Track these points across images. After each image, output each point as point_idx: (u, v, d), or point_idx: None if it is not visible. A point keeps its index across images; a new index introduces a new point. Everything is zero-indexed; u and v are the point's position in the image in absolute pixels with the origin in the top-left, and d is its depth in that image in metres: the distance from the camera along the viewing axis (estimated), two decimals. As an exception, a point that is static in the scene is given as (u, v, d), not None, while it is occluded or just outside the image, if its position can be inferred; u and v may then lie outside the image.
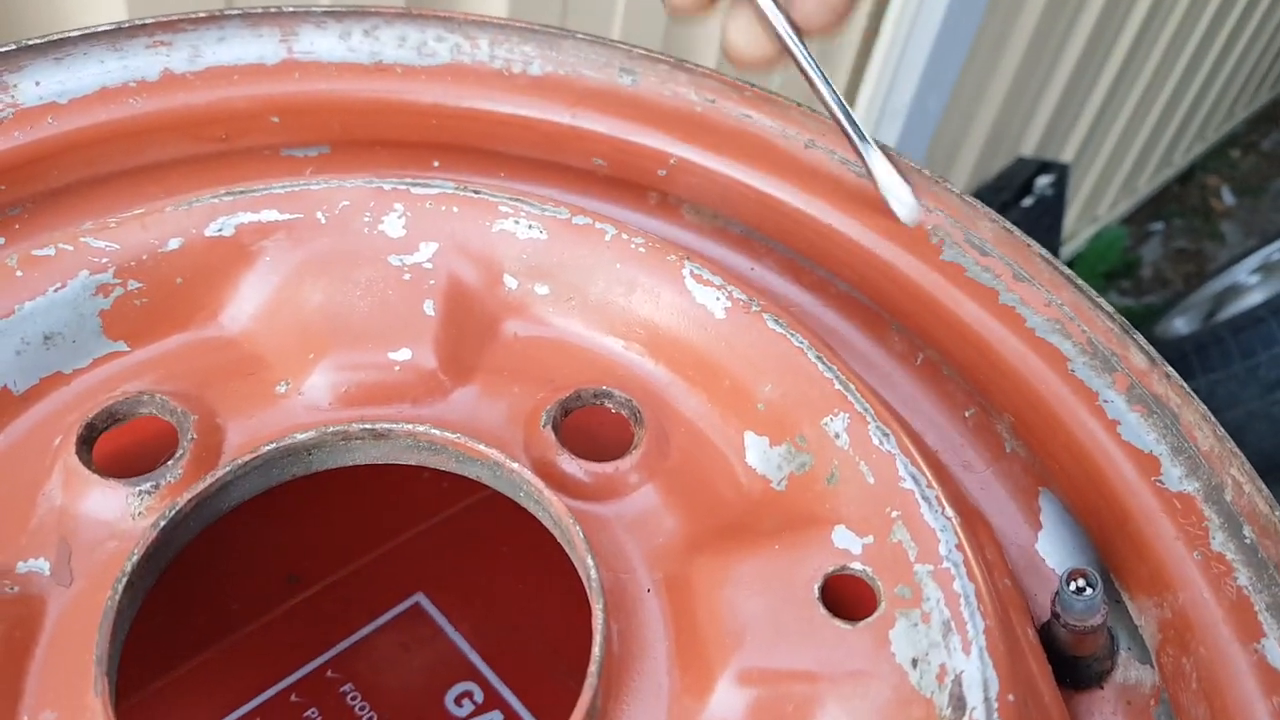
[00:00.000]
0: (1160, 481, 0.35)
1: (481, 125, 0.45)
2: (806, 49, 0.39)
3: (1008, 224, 0.41)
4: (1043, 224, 2.01)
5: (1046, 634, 0.34)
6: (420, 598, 0.49)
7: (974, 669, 0.27)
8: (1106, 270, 2.84)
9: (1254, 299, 2.34)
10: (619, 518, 0.33)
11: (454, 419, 0.34)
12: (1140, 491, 0.35)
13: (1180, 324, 2.54)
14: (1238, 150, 3.51)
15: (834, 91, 0.40)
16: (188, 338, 0.35)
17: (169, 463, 0.31)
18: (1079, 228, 2.68)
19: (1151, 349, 0.37)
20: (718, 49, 1.09)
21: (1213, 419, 0.35)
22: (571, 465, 0.33)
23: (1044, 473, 0.39)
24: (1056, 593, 0.32)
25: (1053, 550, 0.38)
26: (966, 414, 0.41)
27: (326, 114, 0.44)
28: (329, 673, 0.47)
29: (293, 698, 0.46)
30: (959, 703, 0.27)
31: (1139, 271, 3.01)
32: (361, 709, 0.47)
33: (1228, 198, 3.34)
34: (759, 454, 0.34)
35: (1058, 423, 0.37)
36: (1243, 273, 2.54)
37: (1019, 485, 0.40)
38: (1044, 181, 2.00)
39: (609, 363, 0.36)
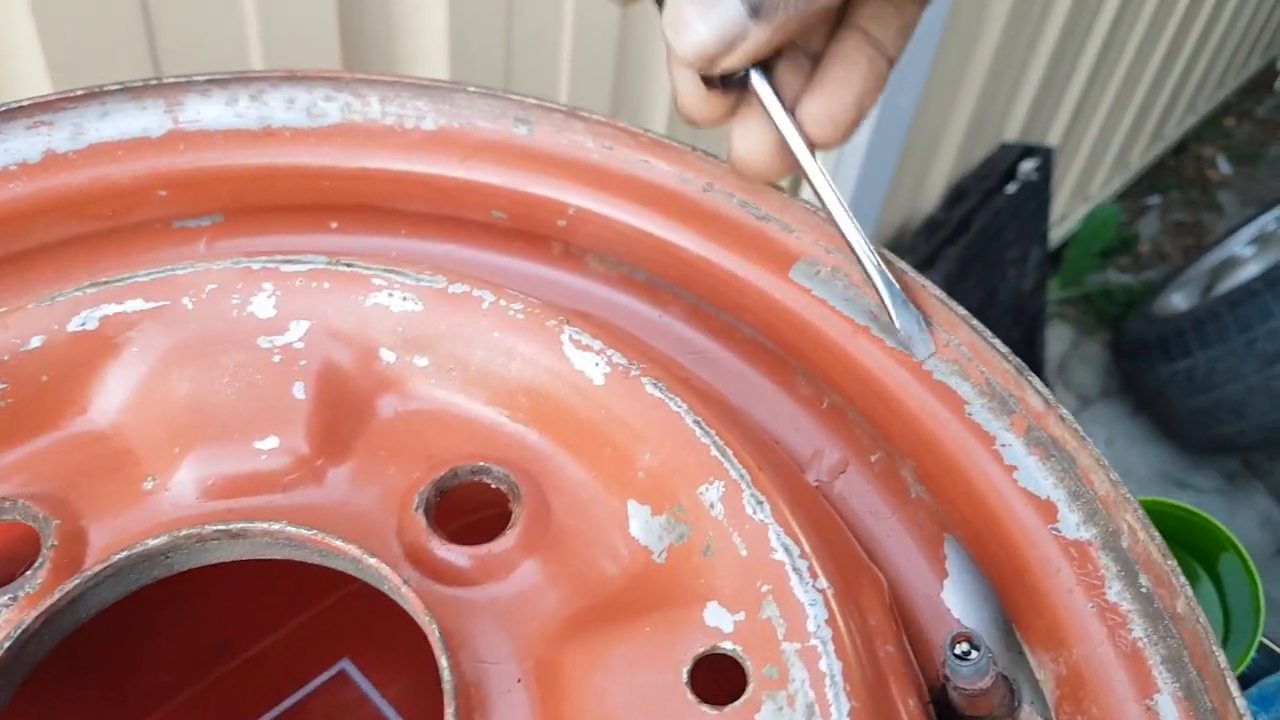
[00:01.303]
0: (1057, 529, 0.34)
1: (376, 184, 0.44)
2: (820, 166, 0.38)
3: (903, 264, 0.40)
4: (1028, 209, 2.00)
5: (942, 694, 0.33)
6: (346, 664, 0.49)
7: (836, 756, 0.27)
8: (1103, 248, 2.82)
9: (1250, 271, 2.32)
10: (495, 601, 0.32)
11: (326, 506, 0.33)
12: (1037, 540, 0.34)
13: (1178, 299, 2.52)
14: (1232, 119, 3.48)
15: (850, 216, 0.38)
16: (56, 436, 0.34)
17: (28, 572, 0.31)
18: (1072, 208, 2.66)
19: (1046, 390, 0.36)
20: (668, 110, 1.08)
21: (1106, 463, 0.34)
22: (444, 550, 0.32)
23: (947, 519, 0.38)
24: (943, 658, 0.32)
25: (958, 600, 0.37)
26: (872, 458, 0.40)
27: (215, 184, 0.43)
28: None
29: (217, 773, 0.45)
30: (819, 793, 0.26)
31: (1137, 247, 2.99)
32: (290, 779, 0.46)
33: (1224, 167, 3.31)
34: (641, 524, 0.33)
35: (956, 468, 0.36)
36: (1239, 244, 2.51)
37: (924, 532, 0.39)
38: (1028, 166, 1.99)
39: (492, 434, 0.36)
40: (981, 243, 1.88)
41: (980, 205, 1.91)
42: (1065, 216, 2.63)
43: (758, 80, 0.37)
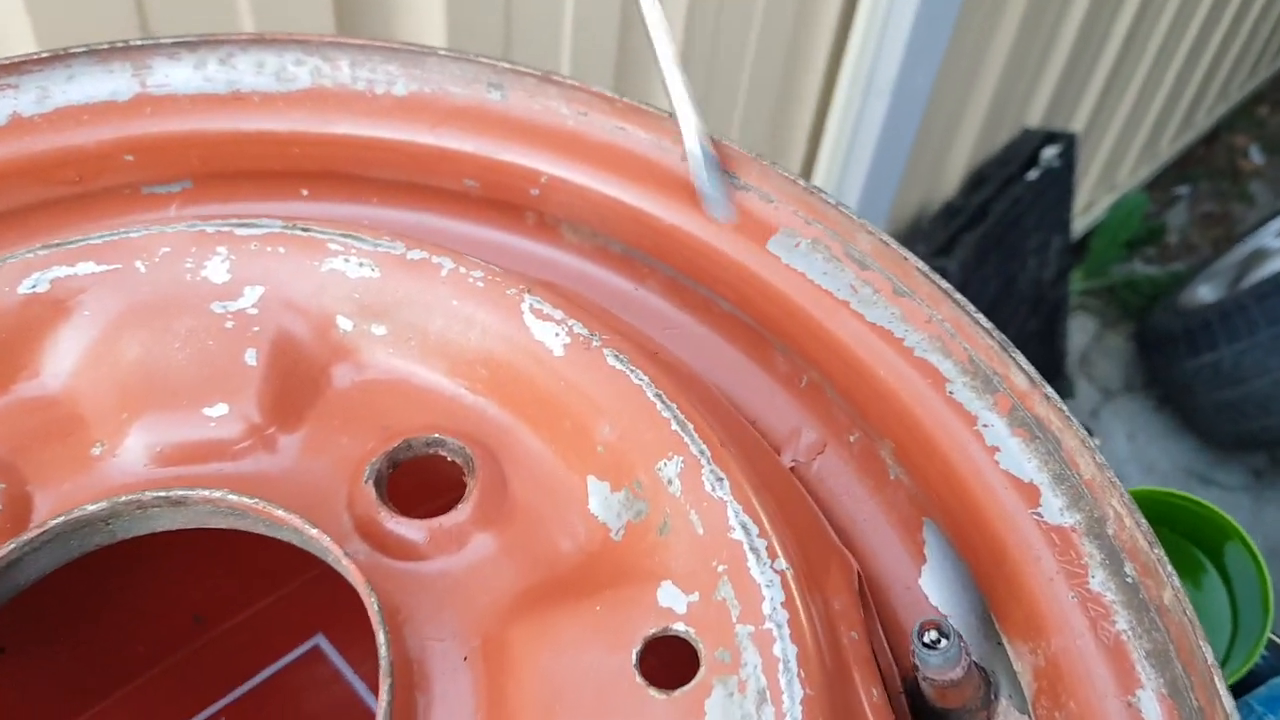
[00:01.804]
0: (1039, 514, 0.33)
1: (345, 150, 0.43)
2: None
3: (885, 236, 0.38)
4: (1050, 197, 1.96)
5: (916, 685, 0.32)
6: (320, 640, 0.48)
7: (786, 745, 0.25)
8: (1129, 239, 2.77)
9: (1279, 264, 2.27)
10: (445, 576, 0.31)
11: (276, 475, 0.32)
12: (1017, 525, 0.33)
13: (1205, 291, 2.47)
14: (1265, 107, 3.41)
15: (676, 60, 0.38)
16: (8, 400, 0.33)
17: (-37, 538, 0.30)
18: (1097, 196, 2.62)
19: (1031, 368, 0.34)
20: None
21: (1092, 445, 0.33)
22: (394, 523, 0.31)
23: (927, 502, 0.36)
24: (912, 646, 0.30)
25: (936, 587, 0.36)
26: (851, 438, 0.39)
27: (182, 149, 0.42)
28: (221, 722, 0.45)
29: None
30: (766, 784, 0.25)
31: (1165, 238, 2.94)
32: (260, 757, 0.45)
33: (1256, 156, 3.25)
34: (600, 500, 0.32)
35: (935, 449, 0.35)
36: (1269, 236, 2.46)
37: (903, 516, 0.37)
38: (1050, 153, 1.95)
39: (450, 406, 0.34)
40: (1000, 230, 1.85)
41: (1000, 192, 1.88)
42: (1091, 205, 2.58)
43: None
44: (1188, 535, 0.58)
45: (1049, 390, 0.34)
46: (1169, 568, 0.30)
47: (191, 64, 0.42)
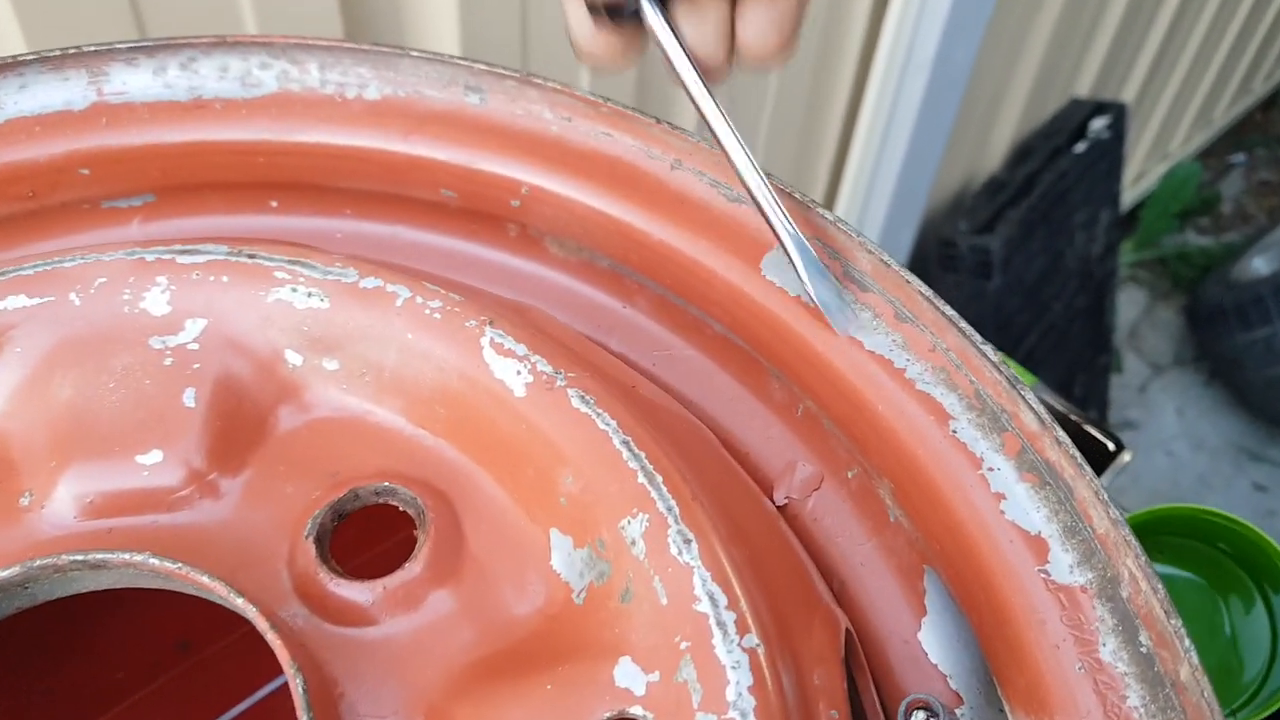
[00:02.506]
0: (1046, 571, 0.29)
1: (314, 160, 0.40)
2: (719, 104, 0.33)
3: (886, 255, 0.35)
4: (1099, 169, 1.89)
5: (907, 757, 0.29)
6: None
7: None
8: (1181, 209, 2.69)
9: (1338, 236, 2.19)
10: (391, 642, 0.28)
11: (213, 529, 0.30)
12: (1022, 583, 0.29)
13: (1260, 264, 2.39)
14: (1328, 71, 3.28)
15: (752, 163, 0.34)
16: (-63, 444, 0.31)
17: (-122, 599, 0.28)
18: (1149, 166, 2.54)
19: (1041, 408, 0.31)
20: None
21: (1106, 497, 0.29)
22: (335, 584, 0.29)
23: (927, 549, 0.33)
24: (897, 724, 0.27)
25: (936, 642, 0.33)
26: (849, 474, 0.36)
27: (142, 161, 0.40)
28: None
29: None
30: None
31: (1219, 208, 2.85)
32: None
33: (1317, 123, 3.12)
34: (563, 557, 0.29)
35: (936, 492, 0.32)
36: (1329, 206, 2.37)
37: (902, 562, 0.34)
38: (1099, 124, 1.88)
39: (407, 448, 0.32)
40: (1047, 205, 1.79)
41: (1046, 165, 1.81)
42: (1142, 176, 2.50)
43: (649, 11, 0.32)
44: (1235, 558, 0.54)
45: (1060, 433, 0.31)
46: (1187, 641, 0.27)
47: (150, 70, 0.40)
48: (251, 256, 0.32)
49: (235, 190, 0.41)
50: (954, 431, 0.32)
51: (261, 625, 0.26)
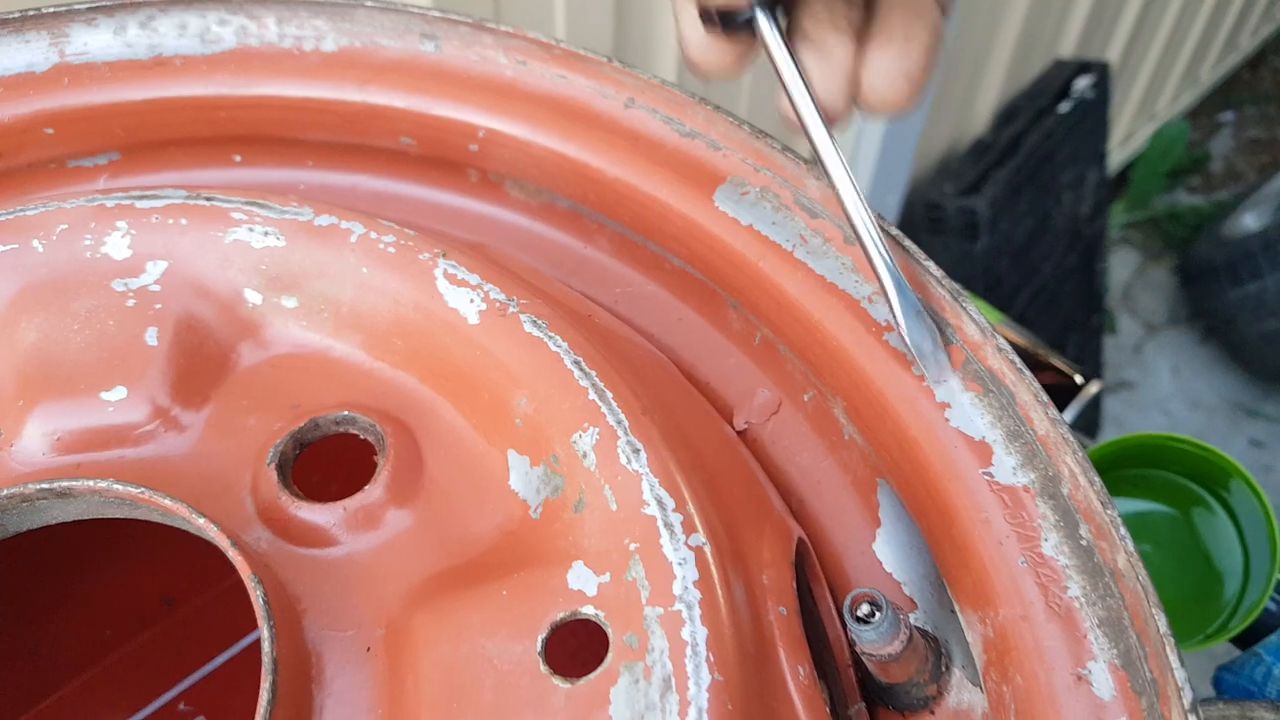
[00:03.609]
0: (990, 474, 0.30)
1: (274, 112, 0.41)
2: (833, 136, 0.31)
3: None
4: (1084, 129, 1.90)
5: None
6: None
7: (688, 737, 0.23)
8: (1171, 169, 2.68)
9: (1327, 188, 2.19)
10: (352, 561, 0.29)
11: (178, 460, 0.31)
12: (968, 486, 0.30)
13: (1250, 220, 2.39)
14: (1315, 26, 3.27)
15: (862, 201, 0.31)
16: (-92, 389, 0.32)
17: None
18: (1137, 127, 2.53)
19: (983, 318, 0.32)
20: (677, 54, 1.01)
21: (1047, 398, 0.30)
22: (297, 507, 0.29)
23: (880, 463, 0.34)
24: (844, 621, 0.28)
25: (890, 551, 0.34)
26: (806, 397, 0.37)
27: (106, 120, 0.40)
28: (181, 706, 0.45)
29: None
30: (665, 780, 0.23)
31: (1209, 167, 2.84)
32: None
33: (1305, 78, 3.11)
34: (521, 476, 0.30)
35: (886, 407, 0.32)
36: (1317, 159, 2.37)
37: (857, 477, 0.35)
38: (1083, 83, 1.88)
39: (367, 381, 0.33)
40: (1033, 166, 1.79)
41: (1031, 126, 1.82)
42: (1130, 136, 2.50)
43: (763, 22, 0.30)
44: (1189, 476, 0.55)
45: (1001, 341, 0.31)
46: (1123, 530, 0.28)
47: (111, 30, 0.41)
48: (209, 199, 0.33)
49: (199, 145, 0.42)
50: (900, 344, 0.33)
51: (222, 542, 0.27)
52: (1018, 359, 0.31)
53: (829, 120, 0.31)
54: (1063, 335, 2.04)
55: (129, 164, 0.42)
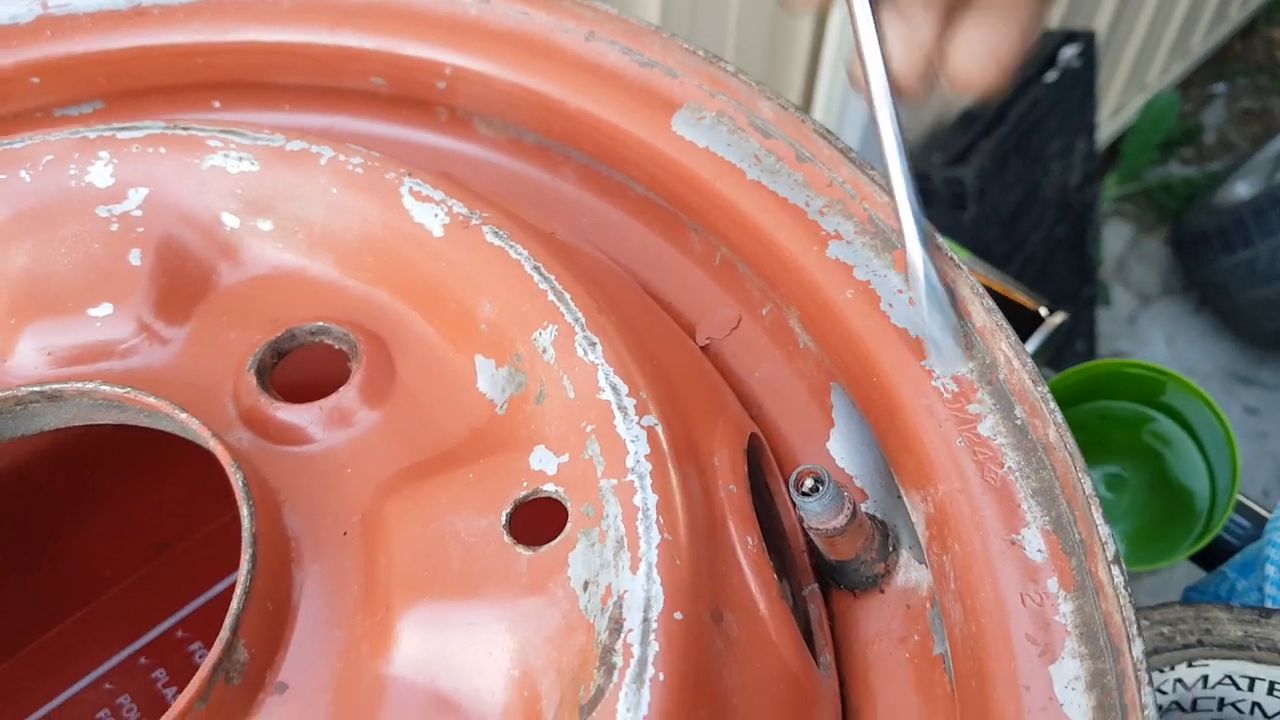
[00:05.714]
0: (930, 365, 0.32)
1: (249, 58, 0.42)
2: (894, 105, 0.30)
3: (785, 99, 0.37)
4: (1071, 98, 1.91)
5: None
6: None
7: (638, 588, 0.25)
8: (1163, 140, 2.69)
9: (1316, 154, 2.20)
10: (329, 456, 0.31)
11: (163, 371, 0.32)
12: (910, 377, 0.32)
13: (1241, 188, 2.40)
14: (1304, -5, 3.27)
15: (910, 186, 0.31)
16: (-96, 314, 0.34)
17: None
18: (1127, 98, 2.54)
19: (929, 225, 0.33)
20: None
21: (982, 290, 0.32)
22: (275, 408, 0.31)
23: (832, 367, 0.35)
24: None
25: (843, 448, 0.35)
26: (763, 311, 0.38)
27: (89, 69, 0.42)
28: (179, 633, 0.46)
29: (142, 660, 0.46)
30: (615, 625, 0.25)
31: (1201, 138, 2.85)
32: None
33: (1296, 47, 3.12)
34: (487, 378, 0.32)
35: (835, 311, 0.34)
36: (1307, 126, 2.38)
37: (812, 383, 0.37)
38: (1069, 52, 1.89)
39: (340, 297, 0.34)
40: (1019, 135, 1.80)
41: (1017, 96, 1.83)
42: (1121, 108, 2.51)
43: None
44: (1148, 403, 0.57)
45: (940, 240, 0.33)
46: (1053, 404, 0.30)
47: (92, -19, 0.42)
48: (186, 129, 0.35)
49: (179, 92, 0.43)
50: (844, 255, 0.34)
51: (204, 435, 0.28)
52: (955, 255, 0.33)
53: (896, 94, 0.30)
54: (1055, 305, 2.06)
55: (112, 112, 0.43)
